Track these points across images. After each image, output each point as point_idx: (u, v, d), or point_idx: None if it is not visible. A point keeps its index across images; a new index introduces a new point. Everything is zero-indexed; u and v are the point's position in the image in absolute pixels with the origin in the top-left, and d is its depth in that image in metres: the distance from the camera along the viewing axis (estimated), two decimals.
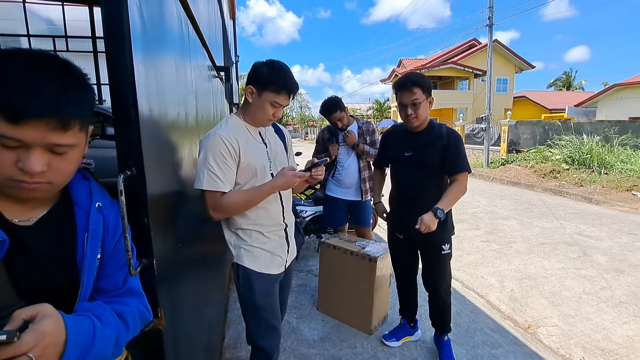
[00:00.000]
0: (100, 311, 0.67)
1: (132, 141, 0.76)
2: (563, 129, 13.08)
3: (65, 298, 0.67)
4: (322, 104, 3.00)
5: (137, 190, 0.78)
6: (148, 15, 0.89)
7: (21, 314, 0.54)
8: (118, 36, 0.73)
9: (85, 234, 0.71)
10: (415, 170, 2.06)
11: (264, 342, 1.54)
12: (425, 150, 2.02)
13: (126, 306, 0.73)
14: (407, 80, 1.92)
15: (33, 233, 0.66)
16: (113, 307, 0.71)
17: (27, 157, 0.59)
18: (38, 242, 0.66)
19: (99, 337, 0.63)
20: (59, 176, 0.64)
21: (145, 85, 0.84)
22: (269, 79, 1.37)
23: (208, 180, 1.32)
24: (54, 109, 0.58)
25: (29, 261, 0.65)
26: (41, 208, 0.69)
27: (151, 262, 0.82)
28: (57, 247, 0.69)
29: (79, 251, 0.70)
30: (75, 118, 0.62)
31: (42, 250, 0.67)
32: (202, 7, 2.14)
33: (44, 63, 0.61)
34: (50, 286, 0.67)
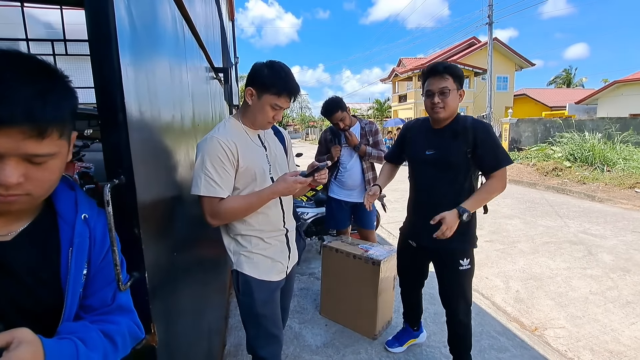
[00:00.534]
0: (85, 333, 0.62)
1: (120, 146, 0.71)
2: (564, 126, 13.04)
3: (48, 318, 0.63)
4: (323, 104, 2.95)
5: (126, 199, 0.73)
6: (138, 15, 0.85)
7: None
8: (103, 36, 0.68)
9: (70, 248, 0.66)
10: (437, 172, 1.82)
11: (264, 351, 1.49)
12: (450, 148, 1.78)
13: (115, 325, 0.68)
14: (439, 65, 1.75)
15: (13, 248, 0.61)
16: (100, 327, 0.65)
17: (1, 169, 0.53)
18: (18, 258, 0.61)
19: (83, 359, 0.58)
20: (38, 187, 0.59)
21: (135, 87, 0.79)
22: (269, 81, 1.32)
23: (205, 186, 1.27)
24: (28, 114, 0.52)
25: (8, 278, 0.60)
26: (22, 221, 0.64)
27: (143, 276, 0.77)
28: (40, 263, 0.64)
29: (63, 267, 0.65)
30: (53, 124, 0.56)
31: (23, 267, 0.62)
32: (200, 8, 2.09)
33: (17, 64, 0.55)
34: (32, 306, 0.62)
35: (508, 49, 24.46)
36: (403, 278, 2.24)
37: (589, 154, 10.08)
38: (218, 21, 3.75)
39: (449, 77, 1.72)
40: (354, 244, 2.69)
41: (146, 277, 0.78)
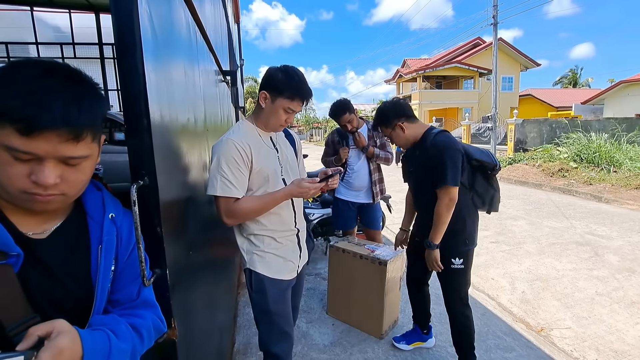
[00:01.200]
0: (115, 325, 0.66)
1: (145, 150, 0.75)
2: (570, 126, 12.96)
3: (79, 311, 0.67)
4: (331, 106, 2.98)
5: (149, 199, 0.77)
6: (158, 23, 0.89)
7: (36, 330, 0.54)
8: (129, 44, 0.72)
9: (99, 245, 0.70)
10: (417, 186, 2.06)
11: (276, 348, 1.52)
12: (418, 165, 1.99)
13: (141, 319, 0.72)
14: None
15: (47, 246, 0.65)
16: (128, 320, 0.69)
17: (40, 170, 0.57)
18: (52, 255, 0.65)
19: (115, 352, 0.62)
20: (72, 188, 0.63)
21: (157, 93, 0.83)
22: (283, 85, 1.36)
23: (221, 187, 1.31)
24: (65, 119, 0.57)
25: (44, 274, 0.64)
26: (55, 220, 0.68)
27: (164, 272, 0.81)
28: (72, 260, 0.68)
29: (93, 263, 0.69)
30: (87, 128, 0.61)
31: (57, 263, 0.66)
32: (209, 12, 2.13)
33: (54, 72, 0.59)
34: (65, 299, 0.66)
35: (513, 49, 24.35)
36: (408, 273, 2.32)
37: (596, 154, 10.01)
38: (225, 24, 3.80)
39: (381, 128, 2.02)
40: (360, 244, 2.72)
41: (167, 274, 0.81)
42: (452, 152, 1.82)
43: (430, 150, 1.86)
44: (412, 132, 1.97)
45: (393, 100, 2.15)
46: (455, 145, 1.85)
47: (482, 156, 1.95)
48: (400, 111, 1.97)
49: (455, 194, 1.82)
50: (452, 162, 1.80)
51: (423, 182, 1.97)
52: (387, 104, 2.07)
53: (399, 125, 1.94)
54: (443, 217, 1.83)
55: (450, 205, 1.82)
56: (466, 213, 1.94)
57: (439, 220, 1.84)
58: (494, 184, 2.03)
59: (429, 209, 1.91)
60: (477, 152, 1.97)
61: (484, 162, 1.93)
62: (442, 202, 1.82)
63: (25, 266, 0.60)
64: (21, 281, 0.59)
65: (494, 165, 1.96)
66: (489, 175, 2.00)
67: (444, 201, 1.82)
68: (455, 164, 1.80)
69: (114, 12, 0.72)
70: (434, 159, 1.83)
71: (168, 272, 0.82)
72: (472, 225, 1.98)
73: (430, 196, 1.90)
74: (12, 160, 0.56)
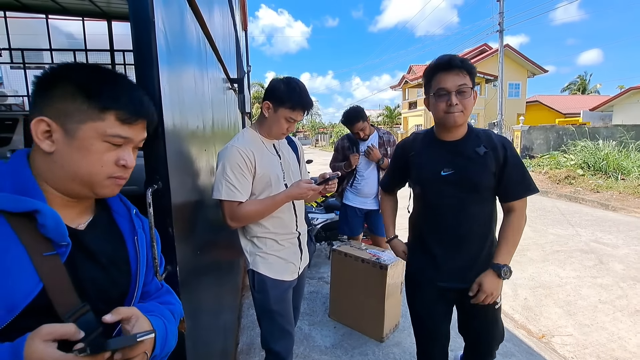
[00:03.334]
0: (163, 311, 0.75)
1: (159, 156, 0.82)
2: (577, 134, 12.89)
3: (120, 298, 0.73)
4: (344, 113, 3.00)
5: (162, 202, 0.84)
6: (172, 38, 0.96)
7: (120, 313, 0.63)
8: (147, 59, 0.80)
9: (135, 236, 0.76)
10: (460, 194, 1.44)
11: (278, 346, 1.58)
12: (473, 165, 1.42)
13: (173, 305, 0.81)
14: (456, 59, 1.36)
15: (88, 236, 0.71)
16: (167, 307, 0.78)
17: (127, 154, 0.70)
18: (96, 244, 0.71)
19: (170, 333, 0.72)
20: (129, 172, 0.73)
21: (170, 102, 0.90)
22: (285, 96, 1.44)
23: (226, 191, 1.39)
24: (150, 112, 0.74)
25: (91, 263, 0.69)
26: (88, 214, 0.74)
27: (175, 269, 0.88)
28: (113, 249, 0.74)
29: (130, 253, 0.76)
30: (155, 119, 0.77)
31: (101, 252, 0.71)
32: (218, 24, 2.22)
33: (129, 79, 0.74)
34: (110, 287, 0.71)
35: (520, 56, 24.30)
36: (422, 333, 1.64)
37: (603, 162, 9.95)
38: (233, 33, 3.90)
39: (466, 73, 1.36)
40: (363, 248, 2.76)
41: (178, 270, 0.88)
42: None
43: (506, 149, 1.42)
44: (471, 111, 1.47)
45: None
46: None
47: None
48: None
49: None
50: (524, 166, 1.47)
51: (477, 189, 1.43)
52: None
53: (475, 92, 1.43)
54: (520, 234, 1.45)
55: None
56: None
57: (515, 238, 1.45)
58: None
59: (475, 222, 1.47)
60: None
61: None
62: (521, 215, 1.45)
63: (73, 255, 0.65)
64: (69, 270, 0.63)
65: None
66: None
67: (523, 214, 1.46)
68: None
69: (134, 29, 0.80)
70: (513, 161, 1.41)
71: (178, 269, 0.89)
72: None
73: (477, 210, 1.46)
74: (107, 148, 0.67)
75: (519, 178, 1.43)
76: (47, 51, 8.65)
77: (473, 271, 1.45)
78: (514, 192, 1.45)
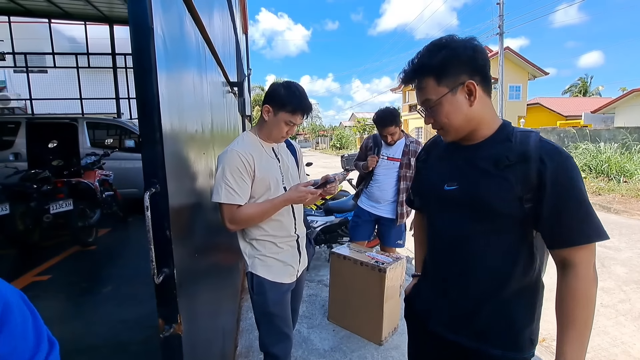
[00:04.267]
0: None
1: (157, 160, 0.84)
2: (579, 136, 12.86)
3: None
4: (378, 112, 2.86)
5: (160, 205, 0.85)
6: (171, 44, 0.98)
7: None
8: (146, 65, 0.81)
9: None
10: (463, 218, 1.02)
11: (276, 348, 1.59)
12: (486, 180, 0.97)
13: None
14: (407, 71, 1.02)
15: None
16: None
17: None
18: None
19: None
20: None
21: (169, 107, 0.92)
22: (285, 100, 1.46)
23: (226, 194, 1.40)
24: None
25: None
26: None
27: (172, 272, 0.89)
28: None
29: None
30: None
31: None
32: (217, 28, 2.25)
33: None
34: None
35: (521, 58, 24.32)
36: None
37: (605, 164, 9.93)
38: (233, 37, 3.93)
39: (429, 78, 0.97)
40: (362, 251, 2.77)
41: (175, 273, 0.89)
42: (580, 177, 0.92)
43: (546, 162, 0.90)
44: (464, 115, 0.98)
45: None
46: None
47: None
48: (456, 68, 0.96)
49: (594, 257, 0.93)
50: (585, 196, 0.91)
51: (487, 212, 0.97)
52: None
53: (470, 84, 0.95)
54: (589, 308, 0.92)
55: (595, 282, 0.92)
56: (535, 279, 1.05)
57: (583, 314, 0.91)
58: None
59: (483, 260, 1.00)
60: None
61: None
62: (586, 275, 0.91)
63: None
64: None
65: None
66: None
67: (589, 272, 0.92)
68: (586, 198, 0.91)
69: (133, 35, 0.81)
70: (568, 189, 0.90)
71: (175, 271, 0.90)
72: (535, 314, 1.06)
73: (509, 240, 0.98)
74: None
75: (571, 213, 0.89)
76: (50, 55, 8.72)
77: (474, 323, 1.03)
78: (560, 235, 0.91)
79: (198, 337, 1.18)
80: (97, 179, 4.98)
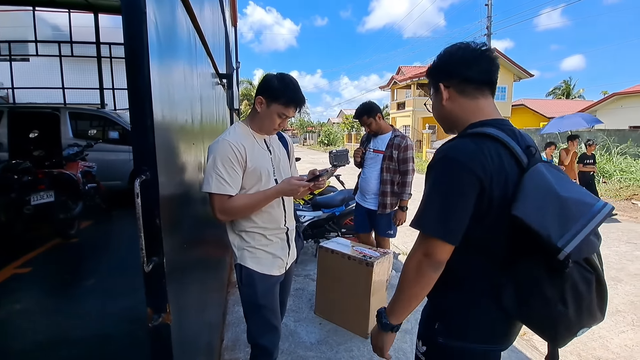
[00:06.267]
0: None
1: (148, 147, 0.82)
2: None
3: None
4: (358, 107, 3.15)
5: (150, 193, 0.84)
6: (163, 30, 0.96)
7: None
8: (138, 50, 0.80)
9: None
10: None
11: (264, 340, 1.59)
12: None
13: None
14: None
15: None
16: None
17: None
18: None
19: None
20: None
21: (160, 94, 0.90)
22: (279, 92, 1.44)
23: (216, 184, 1.38)
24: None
25: None
26: None
27: (161, 260, 0.88)
28: None
29: None
30: None
31: None
32: (208, 18, 2.21)
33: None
34: None
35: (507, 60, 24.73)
36: None
37: None
38: (223, 28, 3.89)
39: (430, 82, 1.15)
40: (350, 245, 2.79)
41: (164, 262, 0.88)
42: (446, 170, 0.96)
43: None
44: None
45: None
46: (460, 159, 0.93)
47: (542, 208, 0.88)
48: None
49: (432, 249, 0.95)
50: (437, 190, 0.97)
51: None
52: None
53: (440, 86, 1.09)
54: (407, 280, 1.00)
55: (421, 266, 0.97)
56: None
57: (402, 284, 1.02)
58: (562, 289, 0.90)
59: None
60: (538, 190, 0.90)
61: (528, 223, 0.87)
62: (412, 255, 1.00)
63: None
64: None
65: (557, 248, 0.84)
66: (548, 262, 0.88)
67: (414, 254, 0.99)
68: (444, 194, 0.95)
69: (125, 19, 0.79)
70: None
71: (165, 260, 0.89)
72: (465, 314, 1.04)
73: None
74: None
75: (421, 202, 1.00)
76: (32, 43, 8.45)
77: None
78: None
79: (186, 328, 1.18)
80: (79, 171, 4.86)
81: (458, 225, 0.93)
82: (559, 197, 0.87)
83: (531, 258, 0.91)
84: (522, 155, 0.95)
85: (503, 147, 0.95)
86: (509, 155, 0.95)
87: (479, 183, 0.91)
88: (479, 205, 0.92)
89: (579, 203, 0.88)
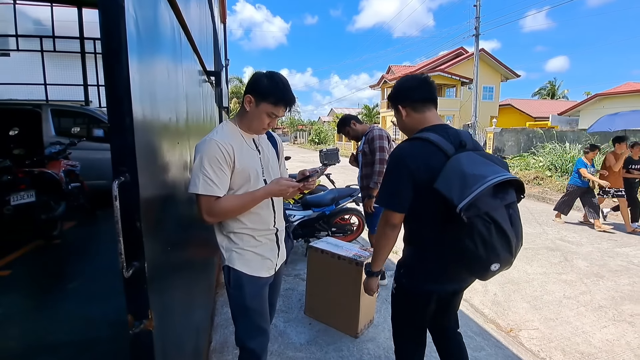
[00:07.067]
0: None
1: (127, 147, 0.79)
2: (546, 137, 13.44)
3: None
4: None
5: (130, 195, 0.80)
6: (143, 26, 0.92)
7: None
8: (116, 47, 0.76)
9: None
10: None
11: (252, 343, 1.56)
12: None
13: None
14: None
15: None
16: None
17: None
18: None
19: None
20: None
21: (140, 93, 0.86)
22: (268, 91, 1.40)
23: (204, 185, 1.34)
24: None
25: None
26: None
27: (142, 265, 0.84)
28: None
29: None
30: None
31: None
32: (194, 14, 2.16)
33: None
34: None
35: (495, 60, 25.10)
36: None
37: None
38: (211, 24, 3.82)
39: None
40: (340, 245, 2.77)
41: (145, 266, 0.85)
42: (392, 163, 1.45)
43: None
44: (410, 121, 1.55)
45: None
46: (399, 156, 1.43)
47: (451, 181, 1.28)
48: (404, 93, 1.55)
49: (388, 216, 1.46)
50: (388, 177, 1.46)
51: None
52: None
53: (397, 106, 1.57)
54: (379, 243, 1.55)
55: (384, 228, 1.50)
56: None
57: (376, 245, 1.58)
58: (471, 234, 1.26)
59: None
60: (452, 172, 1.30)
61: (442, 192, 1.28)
62: (379, 223, 1.54)
63: None
64: None
65: (455, 205, 1.24)
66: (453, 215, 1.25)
67: (380, 222, 1.52)
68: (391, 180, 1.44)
69: (102, 14, 0.76)
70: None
71: (146, 265, 0.85)
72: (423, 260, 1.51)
73: None
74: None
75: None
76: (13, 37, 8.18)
77: None
78: None
79: (170, 333, 1.14)
80: (62, 170, 4.72)
81: (402, 200, 1.41)
82: (463, 173, 1.27)
83: (451, 220, 1.28)
84: (450, 148, 1.37)
85: (431, 145, 1.38)
86: (437, 150, 1.37)
87: (410, 172, 1.37)
88: (413, 186, 1.38)
89: (477, 177, 1.25)
